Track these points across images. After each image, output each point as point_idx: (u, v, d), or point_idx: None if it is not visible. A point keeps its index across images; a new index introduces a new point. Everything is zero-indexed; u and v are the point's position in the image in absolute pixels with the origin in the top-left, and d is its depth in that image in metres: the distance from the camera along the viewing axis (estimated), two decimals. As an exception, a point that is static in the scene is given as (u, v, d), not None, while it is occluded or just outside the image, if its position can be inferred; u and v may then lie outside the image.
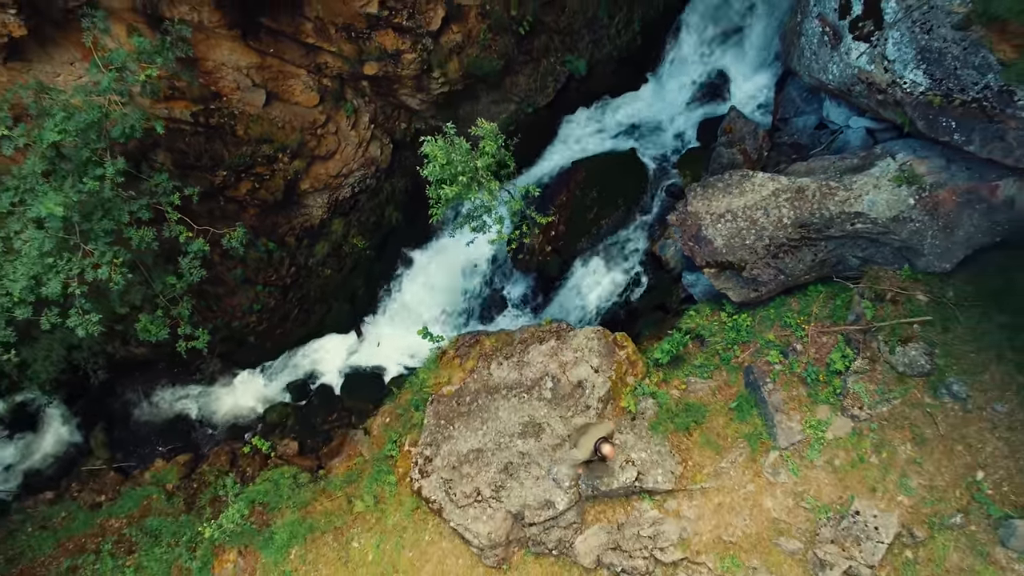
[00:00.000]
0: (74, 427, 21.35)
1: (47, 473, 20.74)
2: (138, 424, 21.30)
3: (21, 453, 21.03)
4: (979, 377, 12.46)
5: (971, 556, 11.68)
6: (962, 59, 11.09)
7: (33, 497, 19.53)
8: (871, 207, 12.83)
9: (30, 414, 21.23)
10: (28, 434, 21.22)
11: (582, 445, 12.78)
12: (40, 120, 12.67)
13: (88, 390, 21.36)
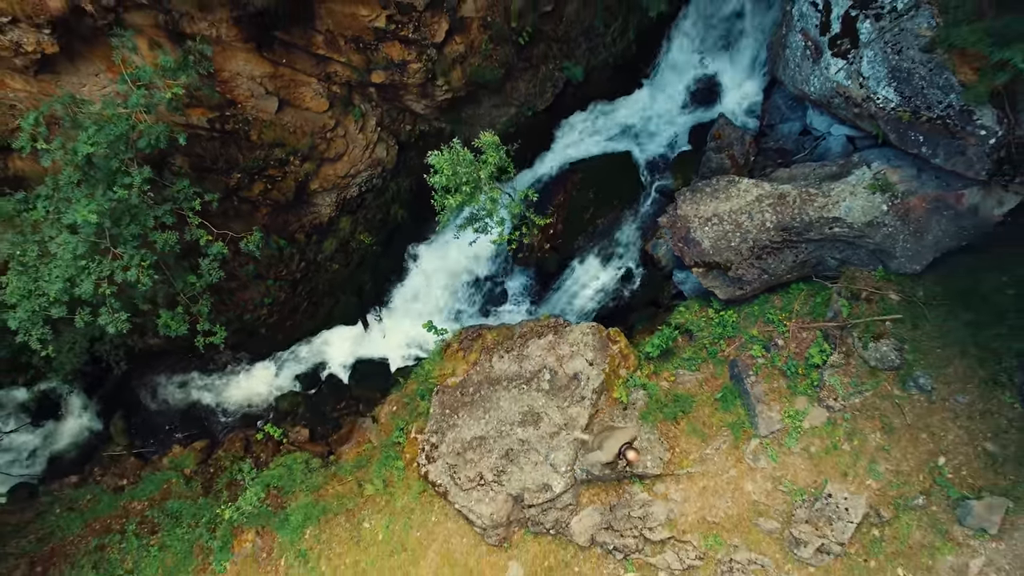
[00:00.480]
0: (94, 415, 22.59)
1: (70, 458, 22.01)
2: (155, 412, 22.52)
3: (45, 439, 22.30)
4: (944, 371, 13.63)
5: (932, 534, 12.93)
6: (928, 79, 12.10)
7: (59, 480, 20.79)
8: (847, 212, 13.90)
9: (52, 402, 22.45)
10: (51, 421, 22.47)
11: (607, 448, 13.70)
12: (73, 132, 13.70)
13: (106, 380, 22.58)
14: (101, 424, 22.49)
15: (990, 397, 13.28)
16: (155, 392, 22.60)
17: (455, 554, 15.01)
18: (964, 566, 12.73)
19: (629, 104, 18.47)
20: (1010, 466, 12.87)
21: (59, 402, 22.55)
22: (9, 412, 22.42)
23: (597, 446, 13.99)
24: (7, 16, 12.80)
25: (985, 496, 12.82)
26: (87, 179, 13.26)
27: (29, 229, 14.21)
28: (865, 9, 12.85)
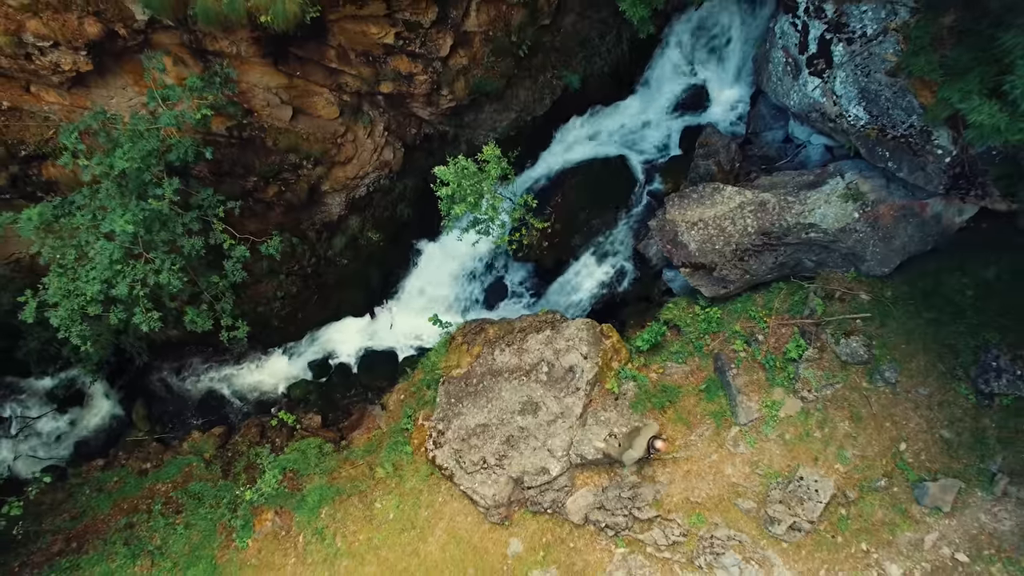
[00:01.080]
0: (116, 402, 24.16)
1: (95, 443, 23.62)
2: (174, 399, 24.08)
3: (70, 425, 23.89)
4: (907, 365, 15.12)
5: (892, 512, 14.51)
6: (893, 101, 13.43)
7: (87, 464, 22.37)
8: (822, 219, 15.30)
9: (77, 390, 24.00)
10: (76, 408, 24.05)
11: (637, 445, 15.13)
12: (106, 145, 15.05)
13: (127, 369, 24.11)
14: (123, 411, 24.06)
15: (948, 389, 14.79)
16: (173, 381, 24.13)
17: (460, 531, 16.62)
18: (920, 540, 14.34)
19: (624, 109, 19.75)
20: (963, 451, 14.41)
21: (83, 390, 24.11)
22: (36, 399, 24.00)
23: (628, 446, 15.31)
24: (49, 40, 14.08)
25: (940, 478, 14.39)
26: (121, 190, 14.61)
27: (67, 234, 15.61)
28: (839, 33, 14.12)
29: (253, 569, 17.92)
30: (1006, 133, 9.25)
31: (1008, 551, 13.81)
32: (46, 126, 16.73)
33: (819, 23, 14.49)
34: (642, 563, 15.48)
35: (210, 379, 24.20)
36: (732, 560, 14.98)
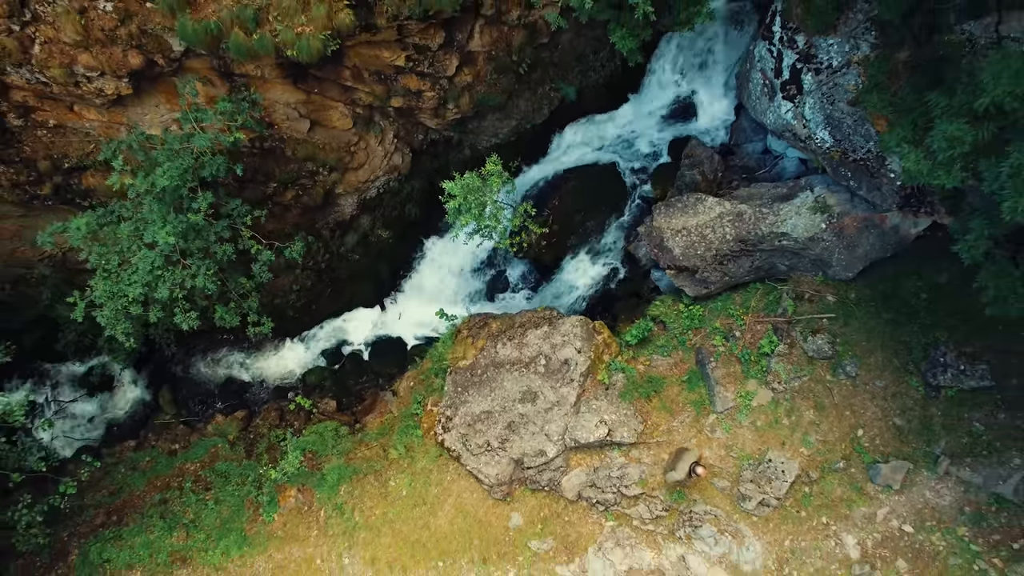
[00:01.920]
0: (143, 388, 26.39)
1: (125, 425, 25.89)
2: (197, 385, 26.28)
3: (101, 409, 26.14)
4: (866, 360, 17.23)
5: (850, 490, 16.75)
6: (853, 127, 15.33)
7: (120, 444, 24.65)
8: (793, 229, 17.27)
9: (107, 377, 26.19)
10: (106, 393, 26.28)
11: (679, 469, 16.89)
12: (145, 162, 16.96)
13: (152, 357, 26.28)
14: (150, 396, 26.30)
15: (901, 382, 16.93)
16: (196, 368, 26.31)
17: (467, 506, 18.90)
18: (873, 514, 16.60)
19: (617, 118, 21.56)
20: (912, 436, 16.61)
21: (112, 376, 26.31)
22: (68, 385, 26.20)
23: (671, 467, 17.11)
24: (97, 71, 15.91)
25: (892, 460, 16.61)
26: (162, 205, 16.56)
27: (111, 241, 17.60)
28: (808, 63, 15.94)
29: (280, 540, 20.24)
30: (927, 178, 11.17)
31: (947, 522, 16.09)
32: (87, 141, 18.62)
33: (791, 52, 16.29)
34: (629, 535, 17.78)
35: (230, 366, 26.37)
36: (708, 532, 17.26)
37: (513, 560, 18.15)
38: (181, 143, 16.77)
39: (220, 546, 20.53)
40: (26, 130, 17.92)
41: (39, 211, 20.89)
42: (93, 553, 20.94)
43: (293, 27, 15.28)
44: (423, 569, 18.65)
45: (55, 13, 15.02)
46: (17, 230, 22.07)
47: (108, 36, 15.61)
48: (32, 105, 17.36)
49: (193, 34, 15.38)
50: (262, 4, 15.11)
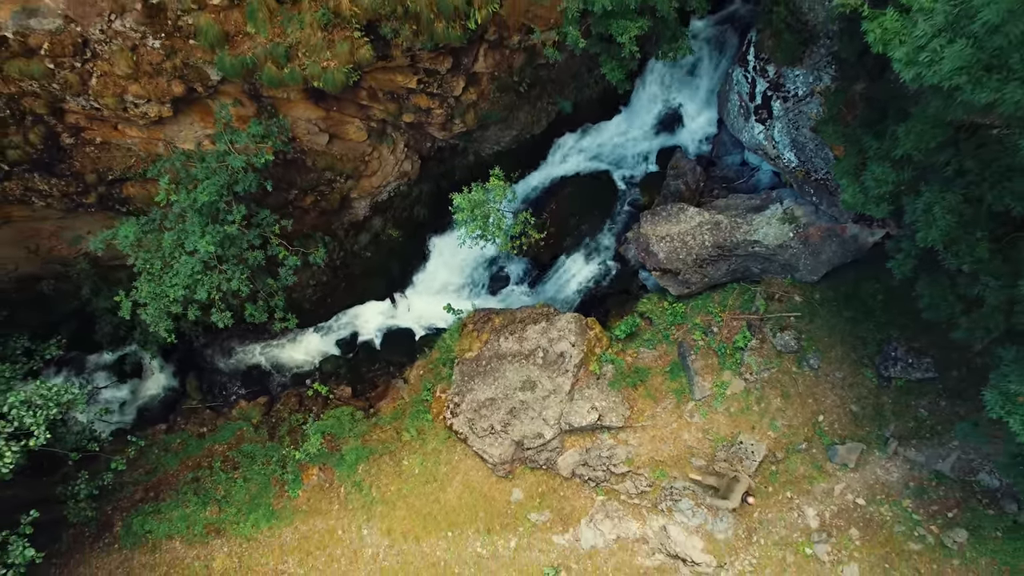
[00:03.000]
0: (170, 375, 29.02)
1: (155, 410, 28.55)
2: (221, 372, 28.91)
3: (132, 394, 28.78)
4: (828, 354, 19.82)
5: (811, 468, 19.43)
6: (815, 151, 17.74)
7: (152, 428, 27.32)
8: (765, 237, 19.75)
9: (136, 365, 28.81)
10: (136, 380, 28.91)
11: (732, 497, 19.08)
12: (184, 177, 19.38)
13: (179, 346, 28.84)
14: (177, 382, 28.94)
15: (857, 373, 19.54)
16: (220, 356, 28.91)
17: (473, 483, 21.62)
18: (831, 489, 19.30)
19: (609, 129, 23.89)
20: (866, 421, 19.26)
21: (142, 365, 28.93)
22: (100, 372, 28.81)
23: (724, 495, 19.30)
24: (144, 98, 18.27)
25: (848, 442, 19.27)
26: (202, 217, 19.01)
27: (153, 247, 20.09)
28: (777, 91, 18.30)
29: (304, 514, 23.00)
30: (862, 208, 13.60)
31: (894, 495, 18.80)
32: (129, 155, 20.99)
33: (763, 80, 18.64)
34: (617, 508, 20.51)
35: (252, 355, 28.97)
36: (687, 505, 19.97)
37: (514, 530, 20.90)
38: (217, 161, 19.16)
39: (250, 519, 23.27)
40: (76, 147, 20.28)
41: (76, 214, 23.35)
42: (136, 525, 23.69)
43: (319, 62, 17.61)
44: (434, 538, 21.41)
45: (111, 51, 17.34)
46: (55, 230, 24.52)
47: (155, 69, 17.94)
48: (83, 126, 19.71)
49: (230, 67, 17.72)
50: (292, 42, 17.42)
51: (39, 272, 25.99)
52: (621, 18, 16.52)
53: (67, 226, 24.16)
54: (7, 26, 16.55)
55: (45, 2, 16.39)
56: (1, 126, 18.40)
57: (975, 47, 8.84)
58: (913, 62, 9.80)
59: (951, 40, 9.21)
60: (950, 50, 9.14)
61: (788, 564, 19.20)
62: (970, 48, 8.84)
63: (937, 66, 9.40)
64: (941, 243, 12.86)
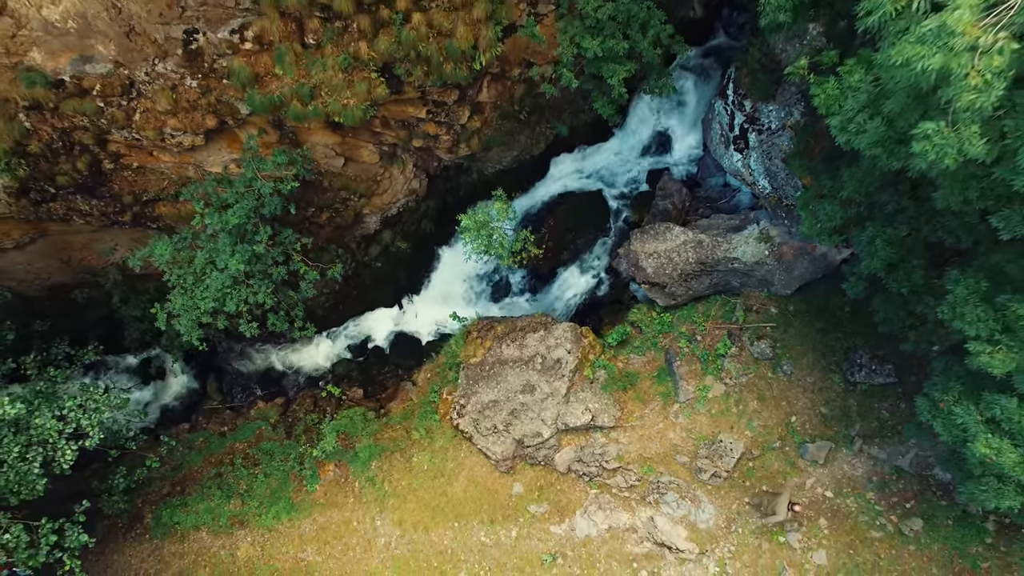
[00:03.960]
0: (192, 377, 31.41)
1: (177, 411, 30.95)
2: (239, 375, 31.30)
3: (155, 395, 31.18)
4: (800, 361, 22.20)
5: (784, 464, 21.83)
6: (786, 179, 20.08)
7: (175, 427, 29.73)
8: (743, 254, 22.10)
9: (158, 367, 31.21)
10: (159, 382, 31.31)
11: (779, 510, 20.86)
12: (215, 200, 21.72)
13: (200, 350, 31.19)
14: (197, 384, 31.35)
15: (826, 379, 21.93)
16: (238, 359, 31.29)
17: (477, 478, 24.04)
18: (803, 483, 21.69)
19: (603, 150, 26.23)
20: (834, 422, 21.65)
21: (165, 368, 31.33)
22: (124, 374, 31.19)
23: (772, 511, 21.16)
24: (181, 131, 20.61)
25: (817, 441, 21.65)
26: (232, 238, 21.36)
27: (186, 263, 22.45)
28: (753, 124, 20.63)
29: (322, 506, 25.42)
30: (816, 239, 15.96)
31: (859, 488, 21.20)
32: (162, 178, 23.35)
33: (740, 113, 20.98)
34: (609, 500, 22.91)
35: (268, 358, 31.37)
36: (672, 498, 22.37)
37: (515, 521, 23.33)
38: (245, 186, 21.51)
39: (271, 511, 25.68)
40: (116, 172, 22.63)
41: (108, 229, 25.70)
42: (165, 516, 26.10)
43: (340, 100, 19.95)
44: (442, 528, 23.84)
45: (154, 90, 19.68)
46: (86, 242, 26.89)
47: (191, 105, 20.28)
48: (122, 153, 22.07)
49: (260, 104, 20.05)
50: (316, 82, 19.75)
51: (69, 281, 28.36)
52: (611, 63, 18.85)
53: (97, 239, 26.53)
54: (65, 71, 18.90)
55: (99, 49, 18.72)
56: (54, 156, 20.74)
57: (887, 125, 11.18)
58: (844, 130, 12.14)
59: (871, 116, 11.54)
60: (870, 125, 11.47)
61: (763, 551, 21.61)
62: (884, 126, 11.18)
63: (861, 136, 11.74)
64: (883, 270, 15.23)
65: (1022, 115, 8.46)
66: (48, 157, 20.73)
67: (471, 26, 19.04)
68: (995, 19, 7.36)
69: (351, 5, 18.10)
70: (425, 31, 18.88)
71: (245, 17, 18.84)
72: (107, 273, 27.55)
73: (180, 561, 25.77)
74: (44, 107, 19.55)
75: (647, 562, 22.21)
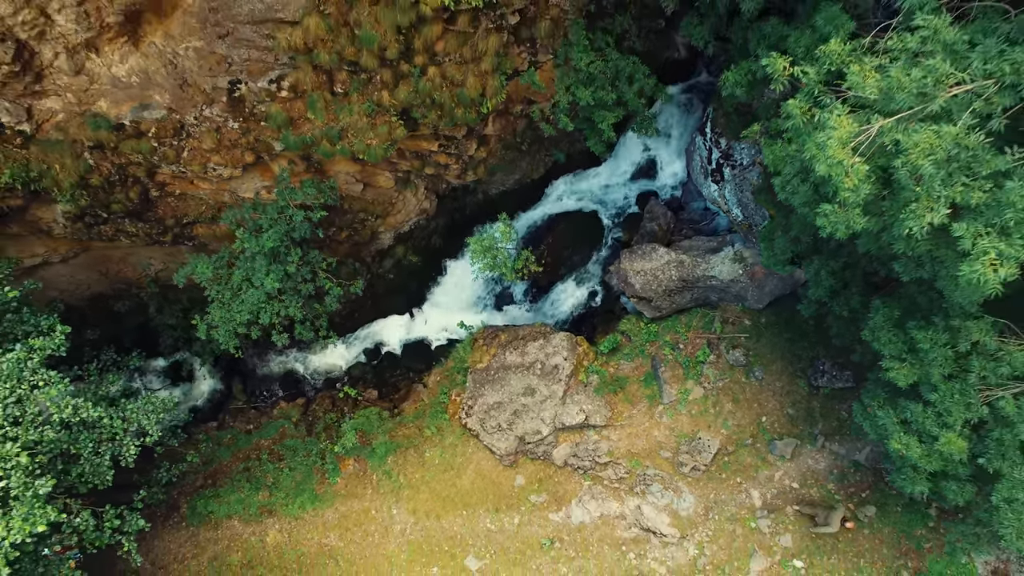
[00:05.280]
0: (218, 379, 34.84)
1: (204, 411, 34.37)
2: (263, 377, 34.72)
3: (184, 396, 34.60)
4: (770, 367, 25.63)
5: (755, 459, 25.27)
6: (755, 210, 23.45)
7: (204, 425, 33.16)
8: (719, 273, 25.48)
9: (187, 370, 34.63)
10: (187, 384, 34.74)
11: (832, 523, 23.65)
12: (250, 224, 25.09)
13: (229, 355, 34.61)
14: (223, 386, 34.77)
15: (793, 383, 25.35)
16: (261, 362, 34.70)
17: (484, 471, 27.49)
18: (772, 476, 25.14)
19: (597, 174, 29.58)
20: (799, 421, 25.09)
21: (192, 370, 34.75)
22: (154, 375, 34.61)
23: (825, 522, 24.05)
24: (223, 165, 23.94)
25: (785, 438, 25.09)
26: (267, 259, 24.73)
27: (224, 280, 25.81)
28: (727, 160, 23.98)
29: (343, 497, 28.89)
30: (773, 268, 19.34)
31: (821, 480, 24.65)
32: (200, 203, 26.70)
33: (717, 149, 24.33)
34: (601, 491, 26.36)
35: (289, 361, 34.78)
36: (657, 488, 25.82)
37: (517, 509, 26.79)
38: (277, 212, 24.85)
39: (297, 501, 29.15)
40: (160, 198, 25.98)
41: (147, 246, 29.08)
42: (199, 506, 29.56)
43: (364, 140, 23.26)
44: (452, 516, 27.31)
45: (200, 131, 23.01)
46: (124, 256, 30.30)
47: (233, 143, 23.62)
48: (167, 183, 25.41)
49: (293, 143, 23.39)
50: (343, 125, 23.07)
51: (106, 291, 31.79)
52: (601, 109, 22.18)
53: (133, 253, 29.94)
54: (126, 117, 22.22)
55: (156, 99, 22.04)
56: (110, 187, 24.08)
57: (814, 190, 14.54)
58: (783, 189, 15.52)
59: (802, 181, 14.91)
60: (801, 188, 14.84)
61: (737, 535, 25.09)
62: (811, 191, 14.54)
63: (795, 196, 15.11)
64: (827, 296, 18.63)
65: (893, 200, 11.81)
66: (106, 188, 24.06)
67: (479, 77, 22.35)
68: (855, 144, 10.71)
69: (375, 61, 21.38)
70: (439, 81, 22.19)
71: (282, 70, 22.13)
72: (144, 284, 30.97)
73: (214, 546, 29.24)
74: (106, 147, 22.87)
75: (635, 545, 25.69)
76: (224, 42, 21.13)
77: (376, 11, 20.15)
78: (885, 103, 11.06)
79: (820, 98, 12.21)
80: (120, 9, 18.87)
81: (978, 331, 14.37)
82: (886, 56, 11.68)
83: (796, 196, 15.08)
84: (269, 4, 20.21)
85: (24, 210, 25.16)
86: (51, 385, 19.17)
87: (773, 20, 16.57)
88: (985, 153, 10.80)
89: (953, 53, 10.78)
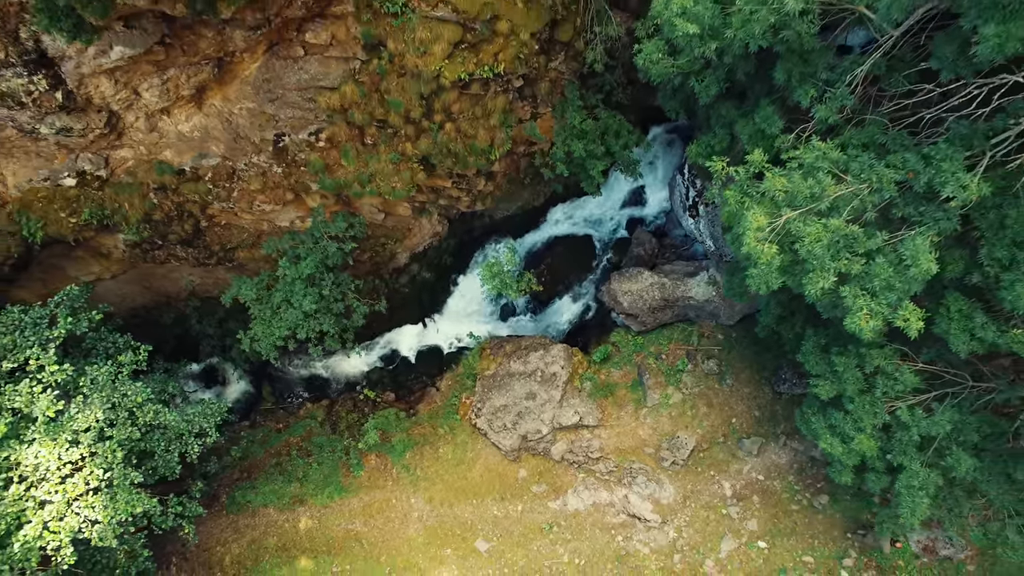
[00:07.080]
0: (248, 383, 39.61)
1: (237, 411, 39.14)
2: (288, 380, 39.50)
3: (217, 397, 39.36)
4: (739, 376, 30.41)
5: (727, 455, 30.10)
6: (724, 243, 28.14)
7: (237, 425, 37.95)
8: (696, 294, 30.22)
9: (221, 374, 39.39)
10: (219, 386, 39.50)
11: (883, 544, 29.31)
12: (290, 253, 29.79)
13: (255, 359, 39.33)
14: (253, 388, 39.55)
15: (759, 389, 30.15)
16: (288, 368, 39.46)
17: (491, 465, 32.31)
18: (741, 470, 29.99)
19: (591, 203, 34.27)
20: (764, 423, 29.91)
21: (224, 374, 39.52)
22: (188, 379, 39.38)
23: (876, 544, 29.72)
24: (266, 203, 28.60)
25: (752, 437, 29.91)
26: (305, 283, 29.42)
27: (266, 300, 30.52)
28: (701, 198, 28.66)
29: (367, 488, 33.72)
30: (734, 298, 24.04)
31: (782, 473, 29.50)
32: (242, 232, 31.39)
33: (693, 189, 29.02)
34: (593, 482, 31.21)
35: (312, 366, 39.54)
36: (642, 480, 30.65)
37: (521, 498, 31.64)
38: (313, 242, 29.53)
39: (325, 492, 33.99)
40: (209, 228, 30.66)
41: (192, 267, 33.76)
42: (238, 496, 34.39)
43: (389, 183, 27.91)
44: (463, 505, 32.16)
45: (249, 175, 27.66)
46: (166, 272, 34.96)
47: (276, 184, 28.29)
48: (215, 215, 30.07)
49: (328, 185, 28.06)
50: (372, 171, 27.72)
51: (147, 303, 36.52)
52: (592, 158, 26.86)
53: (175, 270, 34.63)
54: (187, 163, 26.86)
55: (213, 149, 26.68)
56: (169, 221, 28.75)
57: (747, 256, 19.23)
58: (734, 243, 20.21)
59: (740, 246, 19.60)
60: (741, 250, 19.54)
61: (710, 520, 29.97)
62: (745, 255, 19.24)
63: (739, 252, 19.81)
64: (775, 323, 23.39)
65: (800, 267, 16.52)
66: (165, 222, 28.75)
67: (489, 131, 27.00)
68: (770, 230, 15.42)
69: (401, 120, 26.02)
70: (454, 135, 26.83)
71: (320, 125, 26.78)
72: (183, 298, 35.67)
73: (252, 532, 34.11)
74: (168, 188, 27.54)
75: (622, 529, 30.58)
76: (273, 104, 25.76)
77: (403, 82, 24.78)
78: (790, 200, 15.79)
79: (748, 190, 16.91)
80: (194, 85, 23.49)
81: (880, 357, 19.15)
82: (794, 161, 16.40)
83: (739, 252, 19.77)
84: (313, 75, 24.83)
85: (92, 238, 29.88)
86: (137, 394, 23.90)
87: (727, 104, 21.23)
88: (862, 236, 15.55)
89: (837, 165, 15.52)
